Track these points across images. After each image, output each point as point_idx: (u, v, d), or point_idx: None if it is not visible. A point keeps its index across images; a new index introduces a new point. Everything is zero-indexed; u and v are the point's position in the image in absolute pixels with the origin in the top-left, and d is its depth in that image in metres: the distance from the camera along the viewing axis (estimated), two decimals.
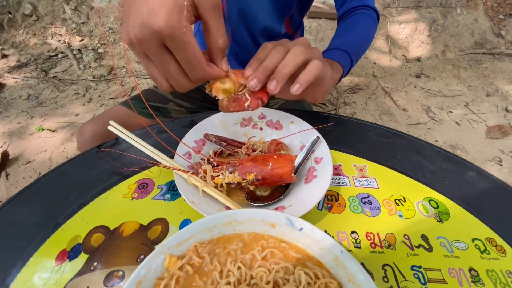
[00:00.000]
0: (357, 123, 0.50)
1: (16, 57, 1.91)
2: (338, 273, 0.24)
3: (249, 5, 0.57)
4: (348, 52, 0.49)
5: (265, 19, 0.59)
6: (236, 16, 0.59)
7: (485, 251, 0.33)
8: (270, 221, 0.26)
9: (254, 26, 0.60)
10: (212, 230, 0.26)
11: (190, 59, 0.24)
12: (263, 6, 0.57)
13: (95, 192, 0.39)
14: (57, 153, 1.23)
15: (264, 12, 0.58)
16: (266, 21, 0.60)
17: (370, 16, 0.56)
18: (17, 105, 1.53)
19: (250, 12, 0.58)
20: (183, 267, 0.24)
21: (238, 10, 0.58)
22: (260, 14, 0.58)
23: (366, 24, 0.55)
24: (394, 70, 1.82)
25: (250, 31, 0.61)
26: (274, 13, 0.59)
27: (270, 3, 0.57)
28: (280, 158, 0.35)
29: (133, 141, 0.39)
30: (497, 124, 1.41)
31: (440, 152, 0.45)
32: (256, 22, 0.60)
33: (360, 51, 0.53)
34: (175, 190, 0.39)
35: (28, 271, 0.31)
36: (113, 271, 0.30)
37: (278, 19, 0.60)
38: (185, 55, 0.23)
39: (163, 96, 0.66)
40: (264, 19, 0.59)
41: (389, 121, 1.44)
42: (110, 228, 0.34)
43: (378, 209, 0.37)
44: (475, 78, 1.76)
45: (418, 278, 0.30)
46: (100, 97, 1.59)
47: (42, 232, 0.34)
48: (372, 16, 0.57)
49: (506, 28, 2.04)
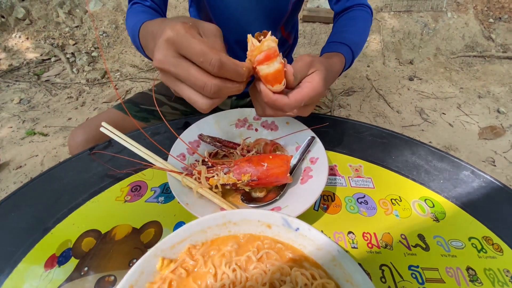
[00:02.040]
0: (352, 124, 0.50)
1: (8, 61, 1.88)
2: (336, 274, 0.23)
3: (243, 18, 0.57)
4: (351, 47, 0.49)
5: (259, 30, 0.59)
6: (230, 29, 0.59)
7: (482, 250, 0.33)
8: (266, 222, 0.26)
9: (244, 36, 0.60)
10: (207, 231, 0.26)
11: (202, 53, 0.24)
12: (257, 17, 0.57)
13: (86, 196, 0.38)
14: (49, 158, 1.21)
15: (258, 23, 0.58)
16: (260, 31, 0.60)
17: (366, 12, 0.57)
18: (9, 109, 1.51)
19: (245, 24, 0.58)
20: (176, 270, 0.23)
21: (232, 24, 0.58)
22: (254, 25, 0.58)
23: (363, 22, 0.56)
24: (387, 73, 1.85)
25: (243, 43, 0.61)
26: (268, 22, 0.59)
27: (264, 14, 0.57)
28: (275, 158, 0.35)
29: (126, 143, 0.39)
30: (490, 125, 1.43)
31: (435, 152, 0.45)
32: (249, 33, 0.60)
33: (358, 49, 0.53)
34: (168, 193, 0.38)
35: (16, 277, 0.29)
36: (105, 276, 0.29)
37: (273, 27, 0.61)
38: (196, 51, 0.24)
39: (157, 99, 0.65)
40: (258, 30, 0.59)
41: (383, 123, 1.45)
42: (101, 232, 0.33)
43: (374, 209, 0.36)
44: (466, 81, 1.79)
45: (416, 278, 0.30)
46: (93, 101, 1.58)
47: (31, 237, 0.33)
48: (368, 12, 0.58)
49: (496, 31, 2.09)
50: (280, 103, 0.31)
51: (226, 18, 0.57)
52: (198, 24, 0.28)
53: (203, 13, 0.61)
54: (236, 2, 0.55)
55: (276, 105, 0.31)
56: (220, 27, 0.52)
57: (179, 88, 0.27)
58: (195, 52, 0.24)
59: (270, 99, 0.31)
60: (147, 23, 0.38)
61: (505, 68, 1.89)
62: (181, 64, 0.25)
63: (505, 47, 2.03)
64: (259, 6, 0.55)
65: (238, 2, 0.55)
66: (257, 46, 0.29)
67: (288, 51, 0.72)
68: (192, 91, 0.27)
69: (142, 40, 0.40)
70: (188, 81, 0.26)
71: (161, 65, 0.26)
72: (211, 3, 0.56)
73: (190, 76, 0.25)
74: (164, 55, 0.25)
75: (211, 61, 0.24)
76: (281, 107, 0.31)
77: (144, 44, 0.39)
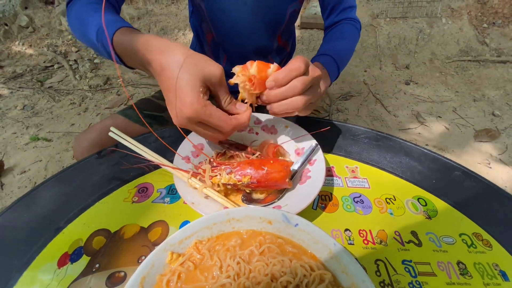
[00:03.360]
0: (348, 128, 0.52)
1: (12, 68, 1.91)
2: (332, 266, 0.25)
3: (242, 28, 0.60)
4: (334, 57, 0.52)
5: (257, 40, 0.63)
6: (230, 39, 0.62)
7: (472, 245, 0.35)
8: (267, 218, 0.28)
9: (246, 47, 0.63)
10: (212, 228, 0.28)
11: (218, 125, 0.32)
12: (256, 27, 0.60)
13: (95, 197, 0.40)
14: (53, 163, 1.23)
15: (257, 33, 0.61)
16: (259, 42, 0.63)
17: (353, 26, 0.61)
18: (12, 115, 1.53)
19: (244, 34, 0.61)
20: (184, 263, 0.25)
21: (231, 34, 0.61)
22: (254, 35, 0.61)
23: (349, 33, 0.60)
24: (384, 78, 1.88)
25: (243, 53, 0.64)
26: (267, 32, 0.62)
27: (263, 25, 0.60)
28: (276, 163, 0.37)
29: (134, 147, 0.41)
30: (485, 128, 1.46)
31: (428, 153, 0.47)
32: (248, 44, 0.63)
33: (345, 57, 0.56)
34: (174, 194, 0.40)
35: (30, 274, 0.31)
36: (115, 272, 0.31)
37: (271, 37, 0.64)
38: (214, 123, 0.32)
39: (159, 105, 0.67)
40: (256, 40, 0.63)
41: (380, 127, 1.48)
42: (111, 231, 0.35)
43: (370, 207, 0.38)
44: (462, 84, 1.83)
45: (409, 272, 0.31)
46: (96, 107, 1.60)
47: (44, 236, 0.35)
48: (356, 26, 0.62)
49: (490, 36, 2.13)
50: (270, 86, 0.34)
51: (226, 29, 0.60)
52: (204, 71, 0.31)
53: (204, 23, 0.63)
54: (235, 13, 0.57)
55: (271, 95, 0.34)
56: (220, 37, 0.55)
57: (199, 133, 0.34)
58: (213, 125, 0.32)
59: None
60: (135, 35, 0.36)
61: (499, 72, 1.93)
62: (199, 129, 0.33)
63: (499, 51, 2.07)
64: (258, 16, 0.58)
65: (237, 13, 0.57)
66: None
67: (286, 58, 0.75)
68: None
69: (122, 47, 0.38)
70: (205, 136, 0.35)
71: (182, 126, 0.33)
72: (212, 14, 0.59)
73: (207, 136, 0.34)
74: (185, 125, 0.32)
75: (225, 131, 0.33)
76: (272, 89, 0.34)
77: (126, 53, 0.38)
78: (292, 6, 0.60)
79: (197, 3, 0.59)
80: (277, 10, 0.59)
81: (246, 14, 0.57)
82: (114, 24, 0.39)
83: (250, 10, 0.57)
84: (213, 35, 0.63)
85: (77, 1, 0.47)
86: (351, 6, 0.62)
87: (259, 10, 0.57)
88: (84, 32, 0.44)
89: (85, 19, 0.44)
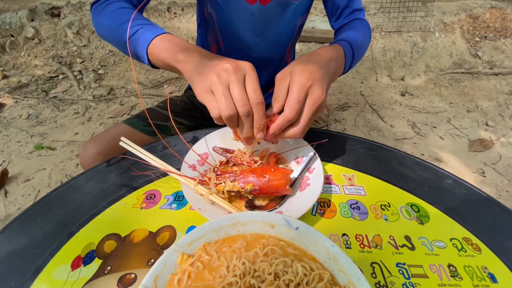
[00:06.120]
0: (345, 138, 0.55)
1: (17, 78, 1.95)
2: (331, 266, 0.27)
3: (251, 41, 0.62)
4: (347, 40, 0.51)
5: (267, 50, 0.65)
6: (238, 51, 0.64)
7: (462, 249, 0.37)
8: (270, 222, 0.30)
9: (252, 58, 0.65)
10: (219, 231, 0.30)
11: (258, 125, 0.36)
12: (266, 40, 0.62)
13: (105, 203, 0.42)
14: (57, 171, 1.24)
15: (265, 44, 0.63)
16: (266, 53, 0.65)
17: (365, 25, 0.61)
18: (17, 124, 1.55)
19: (253, 45, 0.63)
20: (194, 263, 0.27)
21: (240, 45, 0.63)
22: (261, 45, 0.63)
23: (363, 29, 0.58)
24: (380, 89, 1.94)
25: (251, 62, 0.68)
26: (275, 44, 0.64)
27: (273, 37, 0.62)
28: (277, 171, 0.39)
29: (143, 155, 0.43)
30: (479, 138, 1.50)
31: (420, 163, 0.50)
32: (254, 56, 0.65)
33: (360, 48, 0.54)
34: (180, 200, 0.42)
35: (45, 276, 0.33)
36: (126, 274, 0.33)
37: (281, 49, 0.66)
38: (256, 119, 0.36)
39: (163, 114, 0.70)
40: (266, 50, 0.65)
41: (377, 137, 1.51)
42: (121, 236, 0.37)
43: (366, 213, 0.41)
44: (455, 96, 1.88)
45: (403, 274, 0.33)
46: (99, 116, 1.63)
47: (57, 240, 0.37)
48: (367, 25, 0.61)
49: (482, 49, 2.21)
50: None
51: (235, 40, 0.62)
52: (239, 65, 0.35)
53: (211, 34, 0.66)
54: (246, 25, 0.59)
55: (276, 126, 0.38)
56: (228, 48, 0.58)
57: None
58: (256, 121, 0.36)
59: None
60: (180, 39, 0.42)
61: (492, 83, 1.99)
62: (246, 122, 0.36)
63: (491, 63, 2.14)
64: (268, 29, 0.60)
65: (248, 25, 0.59)
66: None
67: None
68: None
69: (163, 46, 0.41)
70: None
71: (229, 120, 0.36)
72: (221, 23, 0.60)
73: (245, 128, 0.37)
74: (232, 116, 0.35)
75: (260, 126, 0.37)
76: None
77: (167, 50, 0.41)
78: (301, 19, 0.62)
79: (209, 12, 0.61)
80: (286, 23, 0.61)
81: (256, 24, 0.59)
82: (158, 32, 0.43)
83: (257, 21, 0.58)
84: (218, 46, 0.65)
85: (108, 2, 0.48)
86: (359, 9, 0.61)
87: (267, 21, 0.59)
88: (120, 32, 0.45)
89: (124, 22, 0.45)
